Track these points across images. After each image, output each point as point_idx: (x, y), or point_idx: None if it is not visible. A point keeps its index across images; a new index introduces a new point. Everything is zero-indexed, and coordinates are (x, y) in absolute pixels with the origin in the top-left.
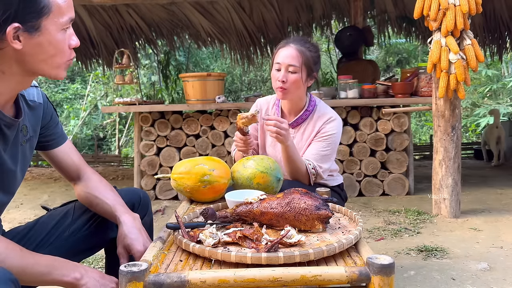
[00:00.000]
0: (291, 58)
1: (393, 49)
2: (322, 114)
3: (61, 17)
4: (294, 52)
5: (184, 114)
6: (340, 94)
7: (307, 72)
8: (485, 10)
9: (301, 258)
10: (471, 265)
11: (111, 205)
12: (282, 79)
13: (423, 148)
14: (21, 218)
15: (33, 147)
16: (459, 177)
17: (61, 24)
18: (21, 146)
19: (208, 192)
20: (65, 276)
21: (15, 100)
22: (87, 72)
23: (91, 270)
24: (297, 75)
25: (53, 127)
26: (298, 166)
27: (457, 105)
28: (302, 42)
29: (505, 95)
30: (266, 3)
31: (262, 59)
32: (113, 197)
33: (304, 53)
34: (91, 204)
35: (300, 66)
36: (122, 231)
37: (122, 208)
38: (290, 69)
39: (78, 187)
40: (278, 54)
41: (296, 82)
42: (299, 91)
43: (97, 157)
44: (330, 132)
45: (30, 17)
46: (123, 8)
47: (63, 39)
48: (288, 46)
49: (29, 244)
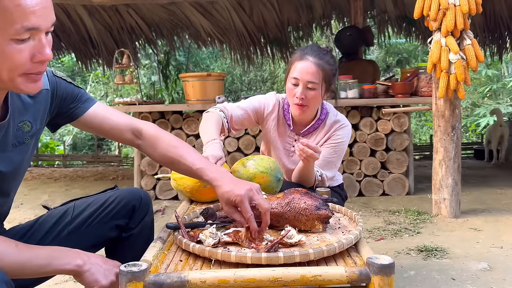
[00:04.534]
0: (310, 74)
1: (393, 49)
2: (333, 122)
3: (9, 24)
4: (313, 68)
5: (184, 114)
6: (340, 94)
7: (326, 87)
8: (485, 10)
9: (301, 258)
10: (471, 265)
11: (196, 169)
12: (301, 96)
13: (423, 148)
14: (21, 218)
15: (38, 138)
16: (459, 177)
17: (8, 33)
18: (21, 145)
19: (208, 192)
20: (66, 264)
21: (5, 100)
22: (87, 72)
23: (94, 256)
24: (316, 92)
25: (72, 101)
26: (310, 176)
27: (457, 105)
28: (320, 54)
29: (505, 95)
30: (266, 3)
31: (262, 59)
32: (193, 157)
33: (324, 67)
34: (172, 164)
35: (320, 83)
36: (223, 190)
37: (208, 168)
38: (309, 86)
39: (144, 148)
40: (295, 67)
41: (315, 98)
42: (317, 106)
43: (97, 157)
44: (339, 140)
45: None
46: (123, 8)
47: (14, 50)
48: (306, 60)
49: (28, 243)
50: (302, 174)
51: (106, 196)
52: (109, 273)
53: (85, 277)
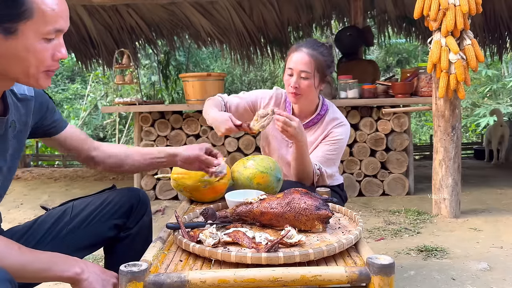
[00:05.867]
0: (303, 64)
1: (393, 49)
2: (332, 119)
3: (44, 25)
4: (306, 58)
5: (184, 114)
6: (340, 94)
7: (319, 77)
8: (485, 10)
9: (301, 258)
10: (471, 265)
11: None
12: (295, 85)
13: (423, 148)
14: (21, 218)
15: (22, 141)
16: (459, 177)
17: (42, 33)
18: (10, 142)
19: (208, 192)
20: (65, 271)
21: (3, 97)
22: (87, 72)
23: (92, 265)
24: (309, 81)
25: (52, 115)
26: (306, 165)
27: (457, 105)
28: (314, 45)
29: (505, 95)
30: (266, 3)
31: (262, 59)
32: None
33: (317, 58)
34: (121, 164)
35: (312, 72)
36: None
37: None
38: (302, 75)
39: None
40: (291, 58)
41: (308, 87)
42: (311, 95)
43: None
44: (338, 137)
45: (6, 19)
46: (123, 8)
47: (43, 48)
48: (300, 51)
49: (28, 243)
50: (298, 163)
51: (104, 196)
52: (107, 283)
53: (83, 286)
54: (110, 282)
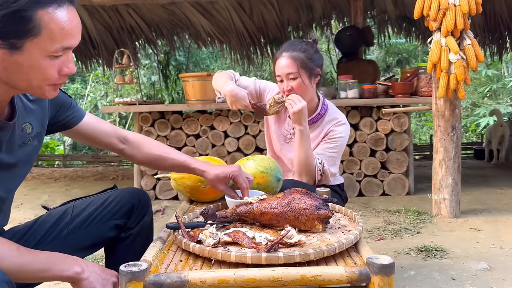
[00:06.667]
0: (286, 67)
1: (393, 49)
2: (332, 118)
3: (51, 44)
4: (288, 61)
5: (184, 114)
6: (340, 94)
7: (307, 73)
8: (485, 10)
9: (301, 258)
10: (471, 265)
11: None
12: (287, 89)
13: (423, 148)
14: (21, 218)
15: (41, 141)
16: (459, 177)
17: (48, 51)
18: (25, 146)
19: (208, 192)
20: (65, 271)
21: (11, 101)
22: (87, 72)
23: (92, 264)
24: (298, 80)
25: (67, 109)
26: (307, 156)
27: (457, 105)
28: (292, 46)
29: (505, 95)
30: (266, 3)
31: (262, 59)
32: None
33: (297, 56)
34: (157, 161)
35: (298, 71)
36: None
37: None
38: (290, 77)
39: (128, 151)
40: (276, 66)
41: (300, 86)
42: (307, 93)
43: (97, 157)
44: (338, 135)
45: (13, 35)
46: (123, 8)
47: (48, 65)
48: (281, 56)
49: (28, 243)
50: (299, 151)
51: (105, 196)
52: (107, 283)
53: (83, 285)
54: (110, 281)
